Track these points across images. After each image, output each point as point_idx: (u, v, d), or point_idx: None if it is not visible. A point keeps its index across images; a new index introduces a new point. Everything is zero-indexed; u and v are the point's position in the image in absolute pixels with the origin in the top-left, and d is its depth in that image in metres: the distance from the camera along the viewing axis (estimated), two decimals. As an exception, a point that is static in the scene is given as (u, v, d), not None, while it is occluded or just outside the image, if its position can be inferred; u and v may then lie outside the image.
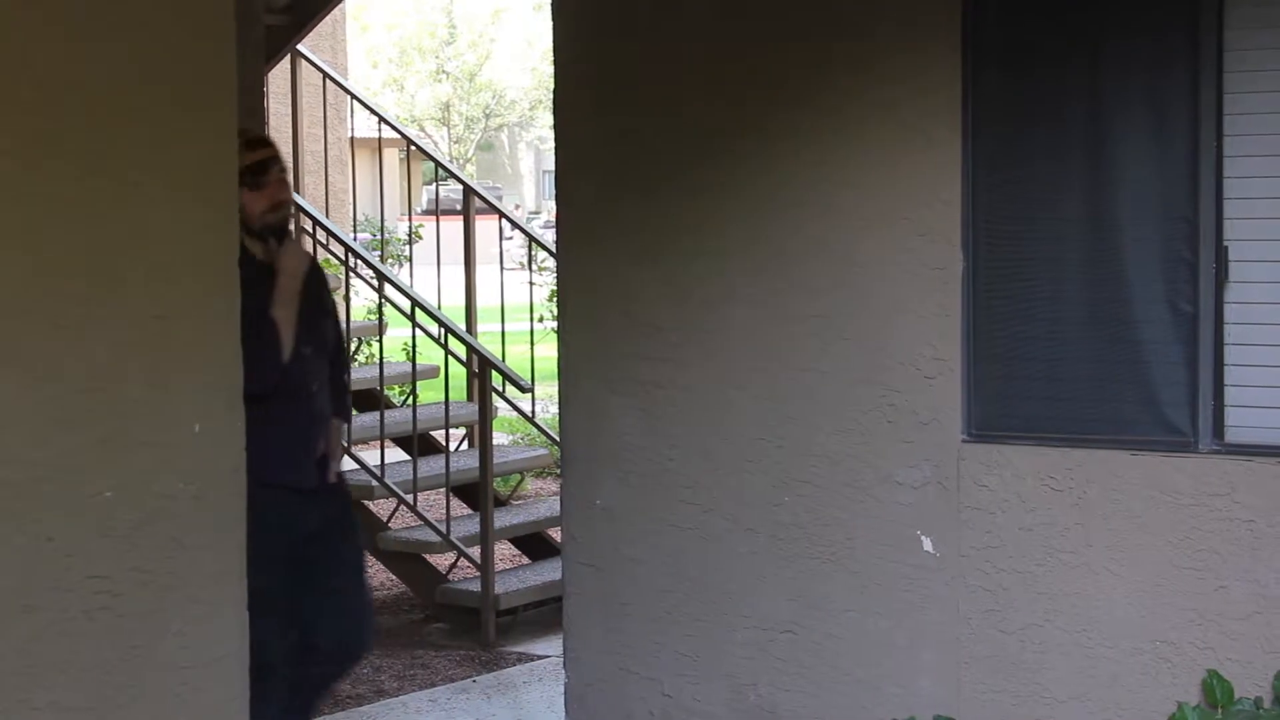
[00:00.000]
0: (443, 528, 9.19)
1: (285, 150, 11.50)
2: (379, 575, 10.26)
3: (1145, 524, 5.55)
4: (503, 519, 9.51)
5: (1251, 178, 5.41)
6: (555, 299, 7.07)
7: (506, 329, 10.24)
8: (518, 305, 10.68)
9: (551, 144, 6.63)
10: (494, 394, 9.59)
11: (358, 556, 6.33)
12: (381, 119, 11.02)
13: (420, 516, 9.30)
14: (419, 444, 9.69)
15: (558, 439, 7.65)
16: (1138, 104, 5.58)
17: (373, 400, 10.14)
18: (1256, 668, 5.42)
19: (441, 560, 9.55)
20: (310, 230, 10.52)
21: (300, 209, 10.08)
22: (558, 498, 7.05)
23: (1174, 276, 5.53)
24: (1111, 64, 5.60)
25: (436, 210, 11.11)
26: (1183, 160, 5.50)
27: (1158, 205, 5.56)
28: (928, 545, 5.84)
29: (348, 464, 9.50)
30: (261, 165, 5.82)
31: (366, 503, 9.55)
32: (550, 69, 6.56)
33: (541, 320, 11.46)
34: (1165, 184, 5.54)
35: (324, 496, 6.07)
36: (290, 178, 5.91)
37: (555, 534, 9.24)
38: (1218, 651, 5.45)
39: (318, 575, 6.04)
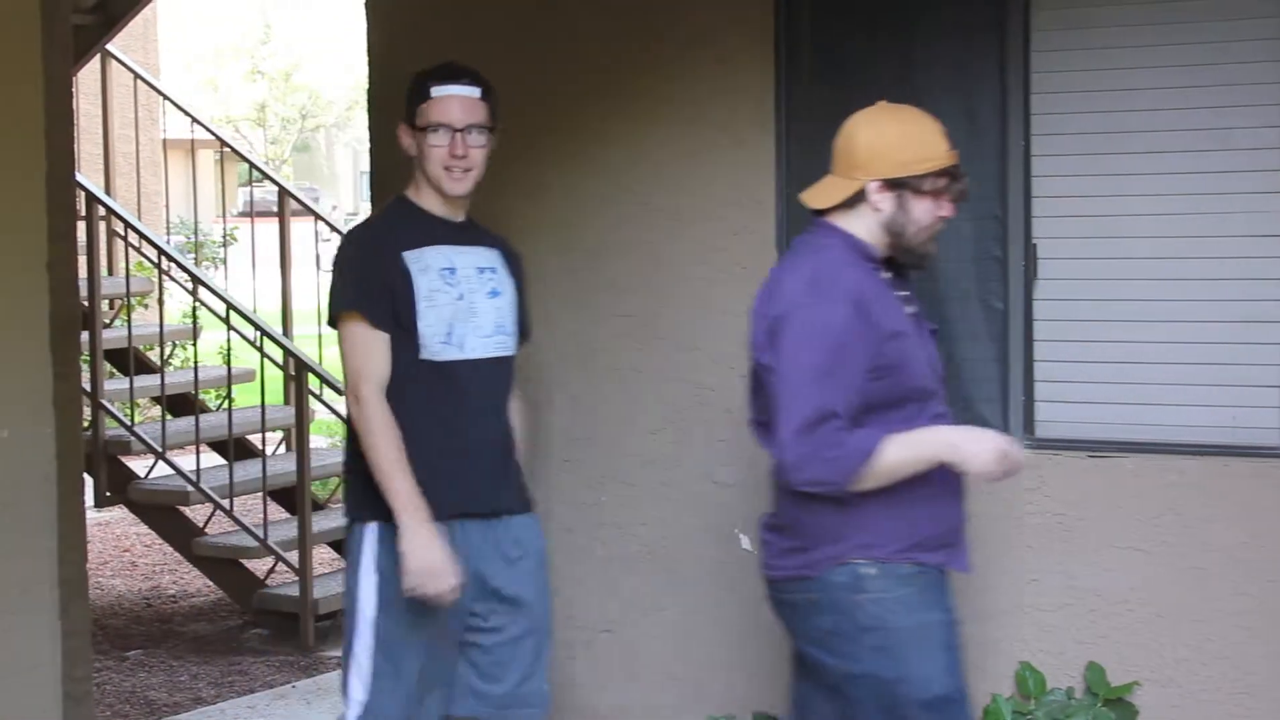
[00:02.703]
0: (260, 532, 9.11)
1: (95, 152, 11.38)
2: (195, 581, 10.16)
3: (958, 519, 5.61)
4: (321, 523, 9.44)
5: (1059, 176, 5.50)
6: (372, 301, 7.03)
7: (324, 331, 10.16)
8: (335, 307, 10.59)
9: (369, 145, 6.59)
10: (311, 396, 9.53)
11: None
12: (194, 120, 10.91)
13: (237, 521, 9.20)
14: (235, 448, 9.60)
15: (375, 441, 7.59)
16: (948, 104, 5.63)
17: (188, 404, 10.04)
18: (1068, 658, 5.51)
19: (259, 565, 9.47)
20: (122, 233, 10.40)
21: (111, 211, 9.96)
22: (376, 500, 7.01)
23: (985, 274, 5.61)
24: (922, 64, 5.67)
25: (251, 212, 11.02)
26: (992, 159, 5.58)
27: (969, 204, 5.60)
28: (745, 543, 5.87)
29: (161, 469, 9.41)
30: (955, 171, 4.50)
31: (182, 508, 9.46)
32: (366, 69, 6.52)
33: (359, 322, 11.39)
34: (976, 182, 5.60)
35: None
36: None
37: (374, 537, 9.18)
38: (1030, 643, 5.53)
39: None
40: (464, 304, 4.92)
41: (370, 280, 4.86)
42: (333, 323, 4.94)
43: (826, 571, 4.39)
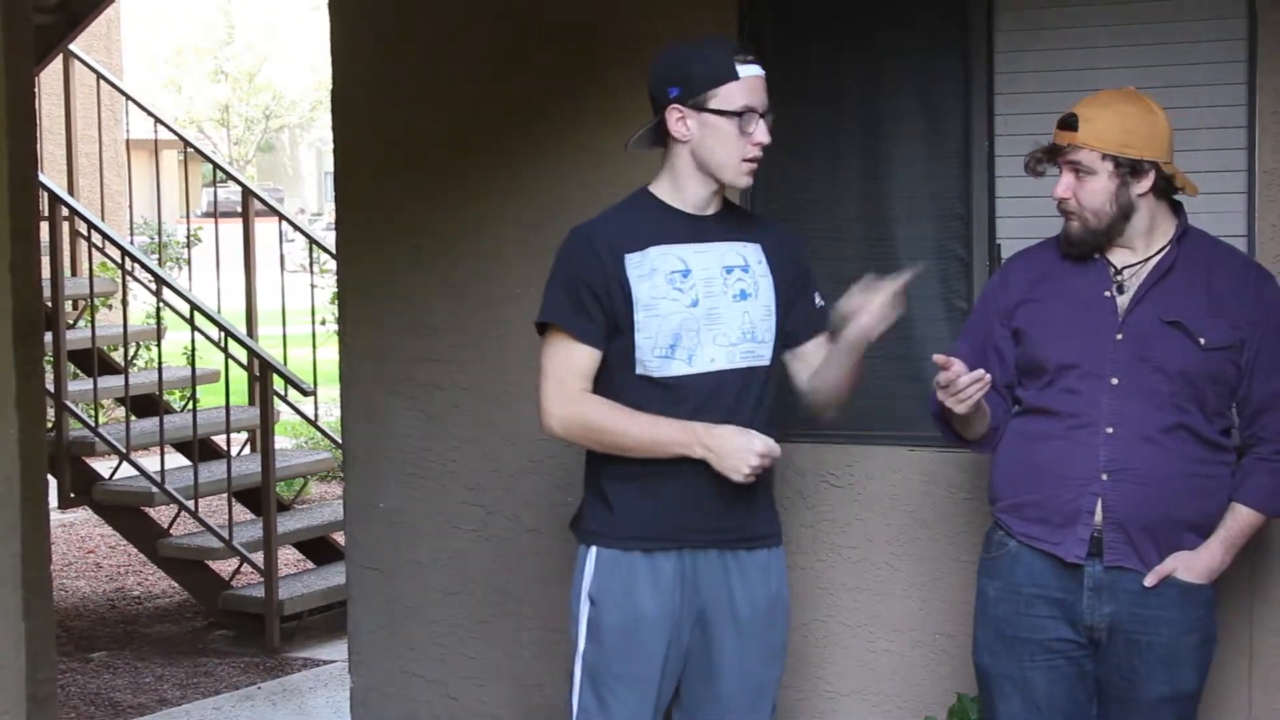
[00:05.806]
0: (225, 533, 9.09)
1: (58, 152, 11.34)
2: (160, 583, 10.13)
3: (923, 518, 5.62)
4: (286, 523, 9.43)
5: (1022, 177, 5.47)
6: (336, 301, 7.02)
7: (288, 332, 10.14)
8: (300, 308, 10.58)
9: (333, 145, 6.56)
10: (276, 397, 9.51)
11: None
12: (157, 120, 10.87)
13: (202, 522, 9.19)
14: (200, 449, 9.58)
15: (340, 442, 7.60)
16: (912, 104, 5.65)
17: (152, 405, 10.01)
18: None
19: (224, 566, 9.45)
20: (85, 234, 10.37)
21: (74, 212, 9.93)
22: (341, 501, 7.00)
23: (948, 274, 5.61)
24: (886, 65, 5.67)
25: (215, 213, 10.98)
26: (956, 159, 5.58)
27: (932, 204, 5.64)
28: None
29: (126, 470, 9.38)
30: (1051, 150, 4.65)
31: (146, 509, 9.44)
32: (330, 69, 6.50)
33: (324, 323, 11.38)
34: (939, 183, 5.62)
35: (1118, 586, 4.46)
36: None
37: (339, 538, 9.18)
38: (994, 643, 5.54)
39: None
40: (700, 310, 4.39)
41: (578, 287, 4.41)
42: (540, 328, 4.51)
43: None
